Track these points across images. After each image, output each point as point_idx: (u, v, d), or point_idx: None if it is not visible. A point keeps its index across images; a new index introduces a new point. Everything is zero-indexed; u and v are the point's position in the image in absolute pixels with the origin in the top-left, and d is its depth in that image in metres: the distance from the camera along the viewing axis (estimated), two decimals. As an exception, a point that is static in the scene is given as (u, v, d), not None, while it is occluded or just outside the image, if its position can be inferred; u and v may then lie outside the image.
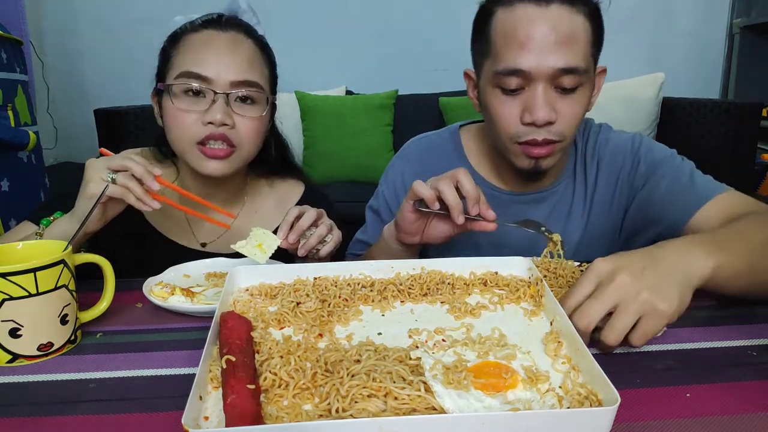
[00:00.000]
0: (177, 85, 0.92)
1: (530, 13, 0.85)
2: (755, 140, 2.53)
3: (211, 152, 0.92)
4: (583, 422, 0.45)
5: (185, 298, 0.76)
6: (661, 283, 0.61)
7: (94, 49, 3.07)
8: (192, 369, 0.61)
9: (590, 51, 0.89)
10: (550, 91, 0.87)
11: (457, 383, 0.49)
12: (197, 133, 0.92)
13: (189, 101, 0.92)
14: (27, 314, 0.63)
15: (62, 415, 0.54)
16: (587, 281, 0.63)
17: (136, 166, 0.81)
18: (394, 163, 1.14)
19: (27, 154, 1.77)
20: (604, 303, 0.60)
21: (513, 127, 0.90)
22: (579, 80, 0.87)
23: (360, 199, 1.35)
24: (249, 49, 0.96)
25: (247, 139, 0.95)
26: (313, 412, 0.49)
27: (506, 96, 0.89)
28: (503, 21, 0.88)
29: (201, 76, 0.91)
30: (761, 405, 0.54)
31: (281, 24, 3.01)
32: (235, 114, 0.93)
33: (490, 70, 0.90)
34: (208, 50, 0.93)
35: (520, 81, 0.87)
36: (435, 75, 3.10)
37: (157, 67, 1.00)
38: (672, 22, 3.17)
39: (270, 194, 1.13)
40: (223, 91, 0.92)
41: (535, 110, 0.86)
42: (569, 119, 0.88)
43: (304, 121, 2.82)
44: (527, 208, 1.05)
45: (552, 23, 0.84)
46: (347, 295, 0.71)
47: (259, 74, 0.97)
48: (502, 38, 0.88)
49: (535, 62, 0.84)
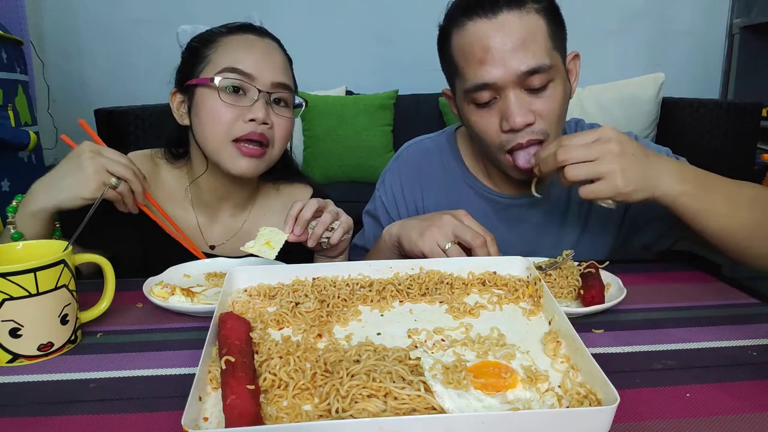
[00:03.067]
0: (221, 80, 0.92)
1: (480, 27, 0.86)
2: (755, 140, 2.53)
3: (246, 150, 0.93)
4: (582, 422, 0.45)
5: (185, 298, 0.76)
6: (633, 170, 0.76)
7: (94, 49, 3.06)
8: (192, 369, 0.61)
9: (551, 45, 0.88)
10: (521, 94, 0.87)
11: (456, 383, 0.49)
12: (237, 130, 0.93)
13: (230, 98, 0.93)
14: (27, 314, 0.63)
15: (62, 415, 0.54)
16: (591, 134, 0.78)
17: (137, 184, 0.88)
18: (391, 167, 1.14)
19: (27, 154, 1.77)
20: (588, 154, 0.76)
21: (496, 137, 0.90)
22: (547, 77, 0.87)
23: (360, 199, 1.35)
24: (282, 57, 1.00)
25: (279, 140, 0.98)
26: (313, 412, 0.49)
27: (482, 109, 0.90)
28: (459, 41, 0.89)
29: (245, 72, 0.93)
30: (761, 405, 0.54)
31: (281, 24, 2.98)
32: (273, 114, 0.96)
33: (461, 88, 0.92)
34: (249, 51, 0.95)
35: (491, 93, 0.88)
36: (435, 75, 3.06)
37: (179, 66, 1.01)
38: (672, 22, 3.16)
39: (277, 198, 1.14)
40: (266, 90, 0.94)
41: (511, 117, 0.86)
42: (548, 116, 0.88)
43: (304, 121, 2.81)
44: (524, 211, 1.05)
45: (504, 31, 0.85)
46: (346, 295, 0.71)
47: (291, 80, 1.01)
48: (462, 57, 0.89)
49: (498, 73, 0.85)
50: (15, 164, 1.71)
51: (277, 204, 1.12)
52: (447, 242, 0.84)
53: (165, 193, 1.04)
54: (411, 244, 0.87)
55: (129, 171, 0.86)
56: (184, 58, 1.01)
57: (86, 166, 0.83)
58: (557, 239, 1.04)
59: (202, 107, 0.94)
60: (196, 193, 1.05)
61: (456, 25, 0.89)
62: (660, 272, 0.91)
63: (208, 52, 0.96)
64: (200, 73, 0.96)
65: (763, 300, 0.80)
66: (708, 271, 0.91)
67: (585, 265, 0.81)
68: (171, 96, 1.01)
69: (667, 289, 0.84)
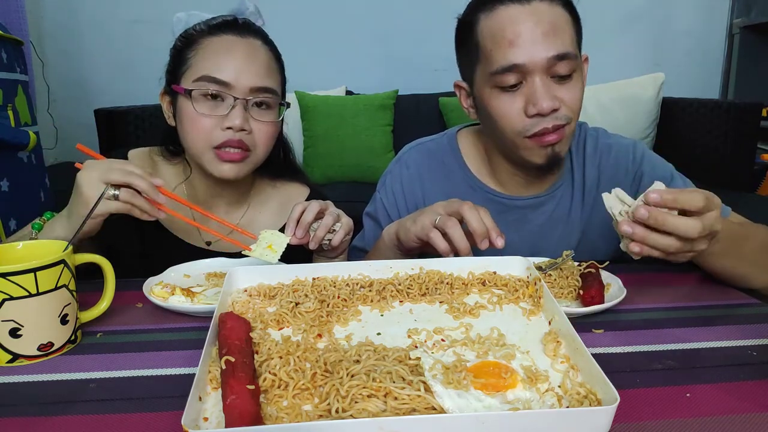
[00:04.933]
0: (195, 91, 0.92)
1: (513, 12, 0.88)
2: (755, 140, 2.53)
3: (226, 155, 0.93)
4: (582, 422, 0.45)
5: (185, 298, 0.76)
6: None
7: (94, 49, 3.06)
8: (192, 369, 0.61)
9: (575, 38, 0.92)
10: (547, 80, 0.89)
11: (456, 383, 0.49)
12: (215, 138, 0.93)
13: (208, 105, 0.93)
14: (27, 314, 0.63)
15: (62, 415, 0.54)
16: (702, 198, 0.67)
17: (141, 182, 0.78)
18: (392, 169, 1.14)
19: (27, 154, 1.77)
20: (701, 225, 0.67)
21: (519, 122, 0.91)
22: (573, 65, 0.89)
23: (360, 199, 1.35)
24: (265, 56, 0.98)
25: (261, 144, 0.97)
26: (313, 412, 0.49)
27: (506, 93, 0.91)
28: (489, 25, 0.90)
29: (221, 81, 0.92)
30: (761, 405, 0.54)
31: (282, 24, 2.99)
32: (252, 119, 0.95)
33: (484, 73, 0.92)
34: (228, 56, 0.94)
35: (518, 76, 0.88)
36: (435, 75, 3.10)
37: (167, 66, 1.00)
38: (672, 22, 3.16)
39: (274, 196, 1.13)
40: (243, 97, 0.93)
41: (539, 100, 0.87)
42: (571, 103, 0.90)
43: (304, 121, 2.81)
44: (526, 213, 1.05)
45: (536, 17, 0.87)
46: (346, 295, 0.71)
47: (275, 80, 0.99)
48: (490, 40, 0.90)
49: (528, 55, 0.87)
50: (15, 164, 1.71)
51: (273, 202, 1.12)
52: (437, 216, 0.84)
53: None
54: (406, 232, 0.88)
55: (127, 174, 0.79)
56: (171, 57, 1.00)
57: (81, 185, 0.79)
58: (560, 241, 1.04)
59: (182, 114, 0.95)
60: (191, 191, 1.06)
61: (485, 10, 0.91)
62: (660, 272, 0.91)
63: (189, 54, 0.96)
64: (182, 76, 0.95)
65: (763, 300, 0.80)
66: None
67: (585, 265, 0.81)
68: (161, 96, 1.02)
69: (667, 289, 0.84)
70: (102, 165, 0.80)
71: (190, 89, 0.93)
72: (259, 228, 0.91)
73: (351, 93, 3.01)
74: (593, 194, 1.04)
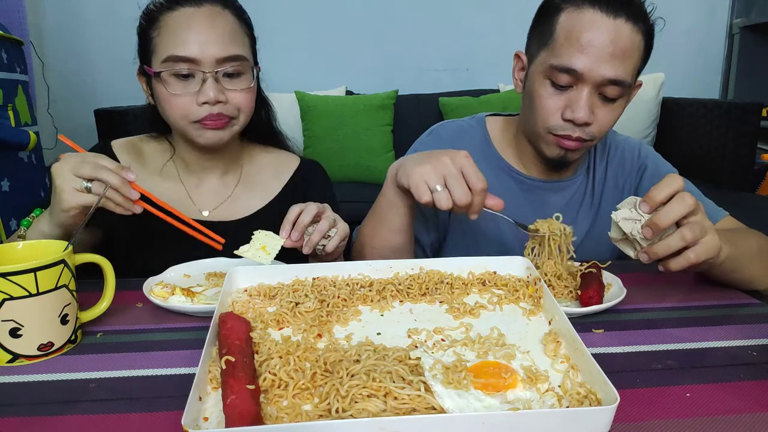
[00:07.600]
0: (164, 73, 0.92)
1: (597, 19, 0.88)
2: (755, 140, 2.53)
3: (211, 124, 0.94)
4: (582, 422, 0.45)
5: (185, 298, 0.76)
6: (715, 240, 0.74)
7: (94, 49, 3.06)
8: (192, 369, 0.61)
9: (639, 67, 0.94)
10: (593, 95, 0.91)
11: (456, 383, 0.49)
12: (194, 114, 0.93)
13: (180, 84, 0.93)
14: (27, 314, 0.63)
15: (62, 415, 0.54)
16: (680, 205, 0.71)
17: (112, 177, 0.78)
18: (423, 140, 1.13)
19: (27, 154, 1.77)
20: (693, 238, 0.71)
21: (553, 119, 0.94)
22: (621, 92, 0.92)
23: (360, 200, 1.35)
24: (228, 22, 0.96)
25: (241, 111, 0.98)
26: (313, 412, 0.49)
27: (554, 89, 0.93)
28: (570, 20, 0.91)
29: (186, 58, 0.91)
30: (761, 405, 0.54)
31: (281, 24, 3.01)
32: (227, 90, 0.94)
33: (545, 61, 0.93)
34: (188, 30, 0.92)
35: (571, 79, 0.91)
36: (435, 75, 3.10)
37: (137, 46, 1.00)
38: (672, 22, 3.15)
39: (266, 161, 1.14)
40: (211, 70, 0.92)
41: (578, 110, 0.90)
42: (604, 124, 0.94)
43: (304, 121, 2.81)
44: (547, 195, 1.09)
45: (614, 35, 0.88)
46: (346, 295, 0.71)
47: (242, 46, 0.97)
48: (564, 35, 0.91)
49: (589, 66, 0.88)
50: (15, 164, 1.71)
51: (267, 165, 1.13)
52: (437, 185, 0.79)
53: (152, 168, 1.06)
54: (404, 173, 0.84)
55: (98, 168, 0.78)
56: (138, 37, 1.00)
57: (55, 179, 0.79)
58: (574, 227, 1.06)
59: (158, 95, 0.96)
60: (181, 164, 1.07)
61: (574, 5, 0.91)
62: (660, 272, 0.91)
63: (153, 34, 0.95)
64: (151, 57, 0.95)
65: (763, 300, 0.80)
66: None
67: (587, 265, 0.81)
68: (138, 76, 1.02)
69: (667, 289, 0.84)
70: (75, 158, 0.80)
71: (159, 71, 0.93)
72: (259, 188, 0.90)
73: (351, 93, 3.01)
74: (602, 190, 1.09)
